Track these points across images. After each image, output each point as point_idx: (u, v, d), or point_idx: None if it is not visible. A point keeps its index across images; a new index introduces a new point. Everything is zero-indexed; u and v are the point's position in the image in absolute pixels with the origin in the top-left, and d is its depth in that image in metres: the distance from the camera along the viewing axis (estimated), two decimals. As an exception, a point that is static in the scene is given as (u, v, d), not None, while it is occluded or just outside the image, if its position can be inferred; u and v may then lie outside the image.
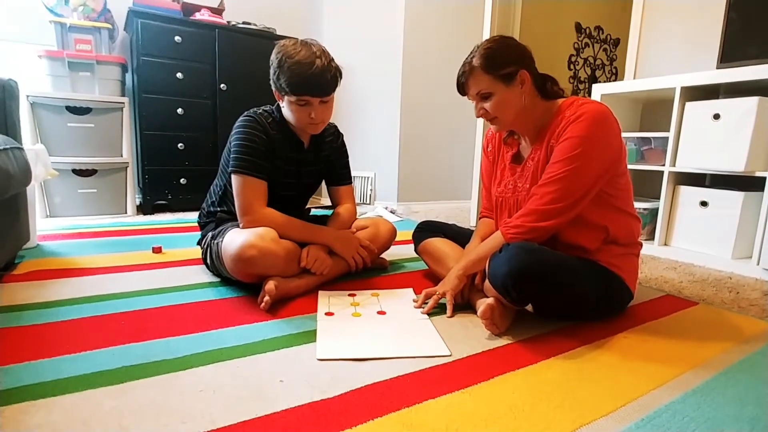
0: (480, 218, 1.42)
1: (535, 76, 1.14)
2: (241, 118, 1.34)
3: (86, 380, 0.79)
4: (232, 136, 1.34)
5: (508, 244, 1.05)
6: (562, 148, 1.06)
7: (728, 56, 1.88)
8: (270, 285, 1.17)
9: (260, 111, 1.36)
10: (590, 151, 1.04)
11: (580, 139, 1.04)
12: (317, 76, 1.22)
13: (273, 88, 1.30)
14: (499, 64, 1.09)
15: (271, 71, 1.27)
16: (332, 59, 1.27)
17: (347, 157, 1.58)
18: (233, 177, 1.30)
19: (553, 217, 1.06)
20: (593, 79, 4.22)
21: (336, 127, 1.56)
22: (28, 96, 2.19)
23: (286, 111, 1.31)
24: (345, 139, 1.60)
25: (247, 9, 3.12)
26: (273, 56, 1.26)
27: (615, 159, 1.08)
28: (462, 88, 1.17)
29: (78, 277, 1.37)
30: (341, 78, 1.29)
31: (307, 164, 1.45)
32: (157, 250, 1.69)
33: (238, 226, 1.30)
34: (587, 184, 1.05)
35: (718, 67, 1.90)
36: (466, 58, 1.14)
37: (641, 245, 1.22)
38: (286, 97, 1.27)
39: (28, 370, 0.82)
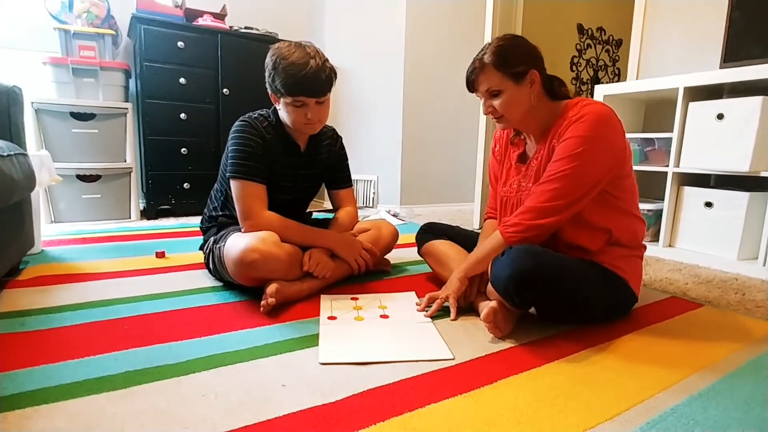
0: (485, 219, 1.42)
1: (544, 77, 1.14)
2: (236, 124, 1.34)
3: (89, 385, 0.79)
4: (228, 142, 1.34)
5: (510, 248, 1.04)
6: (563, 147, 1.06)
7: (732, 56, 1.87)
8: (272, 289, 1.17)
9: (255, 115, 1.37)
10: (591, 150, 1.03)
11: (582, 139, 1.04)
12: (312, 77, 1.22)
13: (269, 91, 1.31)
14: (511, 62, 1.09)
15: (266, 73, 1.27)
16: (326, 59, 1.28)
17: (347, 159, 1.58)
18: (232, 182, 1.30)
19: (551, 214, 1.05)
20: (596, 80, 4.20)
21: (334, 130, 1.56)
22: (32, 102, 2.21)
23: (283, 113, 1.32)
24: (347, 142, 1.60)
25: (249, 14, 3.14)
26: (268, 59, 1.26)
27: (618, 160, 1.08)
28: (471, 85, 1.16)
29: (82, 282, 1.38)
30: (336, 78, 1.30)
31: (305, 167, 1.45)
32: (160, 255, 1.70)
33: (239, 231, 1.30)
34: (587, 184, 1.05)
35: (721, 67, 1.89)
36: (477, 55, 1.13)
37: (645, 248, 1.21)
38: (281, 99, 1.28)
39: (31, 375, 0.82)
